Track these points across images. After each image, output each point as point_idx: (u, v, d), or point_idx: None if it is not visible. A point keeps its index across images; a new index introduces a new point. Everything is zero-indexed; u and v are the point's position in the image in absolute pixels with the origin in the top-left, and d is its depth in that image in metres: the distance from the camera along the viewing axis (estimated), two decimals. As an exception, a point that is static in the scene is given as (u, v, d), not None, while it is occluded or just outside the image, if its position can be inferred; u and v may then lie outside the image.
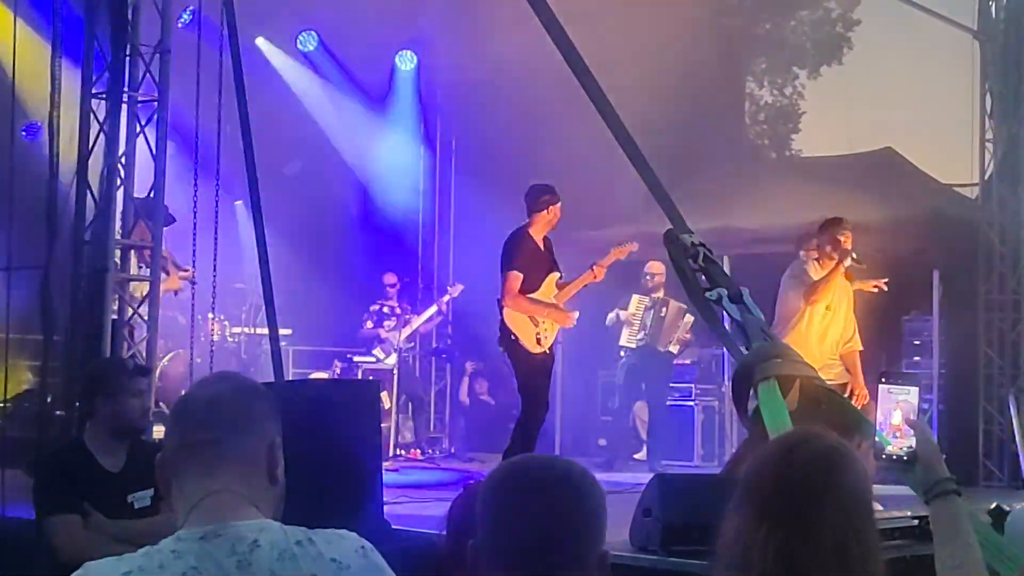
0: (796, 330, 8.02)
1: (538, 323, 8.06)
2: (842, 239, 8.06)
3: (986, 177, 11.04)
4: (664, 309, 11.39)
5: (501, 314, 8.05)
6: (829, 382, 6.61)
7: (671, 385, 11.96)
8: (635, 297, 11.45)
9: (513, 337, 8.00)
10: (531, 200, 8.18)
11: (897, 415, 2.51)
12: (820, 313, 8.14)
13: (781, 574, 2.02)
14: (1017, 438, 10.34)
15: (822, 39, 23.72)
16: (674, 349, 11.62)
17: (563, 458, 2.13)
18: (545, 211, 8.11)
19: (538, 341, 8.04)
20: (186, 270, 8.92)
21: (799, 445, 2.14)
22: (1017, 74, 10.85)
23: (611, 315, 11.54)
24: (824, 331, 8.18)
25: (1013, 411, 10.45)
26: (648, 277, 11.46)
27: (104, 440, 4.83)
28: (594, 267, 8.45)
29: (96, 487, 4.72)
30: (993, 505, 4.90)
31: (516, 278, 7.99)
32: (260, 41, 13.63)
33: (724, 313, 5.60)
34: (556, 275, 8.24)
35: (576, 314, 8.39)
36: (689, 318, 11.40)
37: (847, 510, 2.07)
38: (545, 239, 8.24)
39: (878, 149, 13.09)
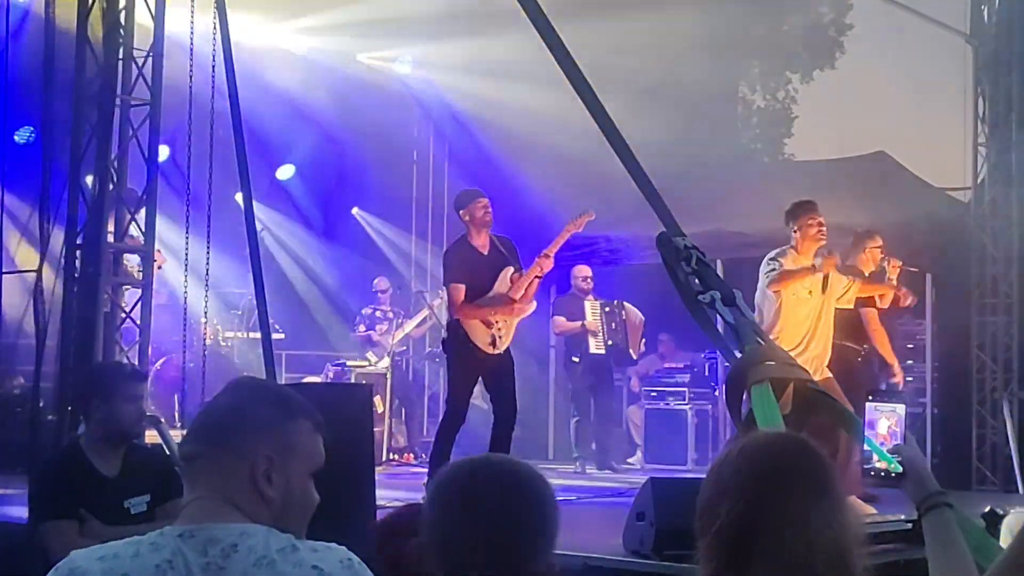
0: (778, 318, 7.66)
1: (492, 325, 7.87)
2: (812, 225, 7.68)
3: (979, 181, 11.06)
4: (623, 312, 11.46)
5: (457, 325, 7.88)
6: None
7: (663, 389, 11.99)
8: (588, 304, 11.38)
9: (471, 344, 7.82)
10: (455, 209, 8.08)
11: (883, 424, 2.61)
12: (795, 301, 7.71)
13: (773, 564, 2.03)
14: (1010, 442, 10.35)
15: (815, 43, 23.75)
16: (636, 355, 11.82)
17: (516, 459, 2.16)
18: (462, 213, 7.92)
19: (493, 343, 7.87)
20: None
21: (784, 441, 2.26)
22: (1009, 78, 10.87)
23: (559, 324, 11.41)
24: (802, 320, 7.71)
25: (1006, 414, 10.46)
26: (581, 280, 11.44)
27: (99, 445, 4.80)
28: (539, 257, 8.04)
29: (92, 492, 4.69)
30: (987, 509, 4.91)
31: (457, 290, 7.85)
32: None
33: (717, 316, 5.59)
34: (510, 270, 7.97)
35: (533, 305, 8.11)
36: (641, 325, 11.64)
37: (833, 502, 2.13)
38: (499, 239, 8.03)
39: (871, 153, 13.08)
